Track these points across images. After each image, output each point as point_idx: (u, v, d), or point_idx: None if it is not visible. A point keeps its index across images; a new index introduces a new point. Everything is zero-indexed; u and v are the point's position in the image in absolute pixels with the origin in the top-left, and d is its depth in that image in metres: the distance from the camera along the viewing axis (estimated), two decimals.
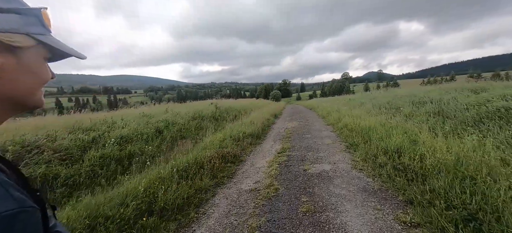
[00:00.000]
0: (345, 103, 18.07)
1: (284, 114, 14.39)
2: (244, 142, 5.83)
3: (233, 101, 20.13)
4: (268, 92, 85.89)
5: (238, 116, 13.03)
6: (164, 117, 8.99)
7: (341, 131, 6.69)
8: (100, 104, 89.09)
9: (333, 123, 8.41)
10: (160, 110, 10.65)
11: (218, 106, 13.15)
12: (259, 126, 7.86)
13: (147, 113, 9.68)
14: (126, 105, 14.22)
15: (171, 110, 10.57)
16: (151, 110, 11.18)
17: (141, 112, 9.46)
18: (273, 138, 6.71)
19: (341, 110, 10.76)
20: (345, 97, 24.70)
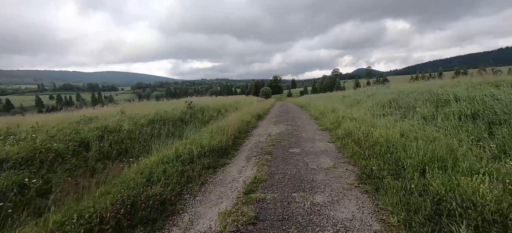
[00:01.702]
0: (338, 100, 16.33)
1: (271, 114, 12.41)
2: (197, 164, 3.76)
3: (214, 99, 17.95)
4: (258, 89, 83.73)
5: (214, 117, 10.95)
6: (112, 120, 6.79)
7: (343, 142, 4.74)
8: (84, 102, 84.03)
9: (330, 128, 6.48)
10: (113, 111, 8.37)
11: (191, 105, 10.99)
12: (232, 133, 5.81)
13: (91, 115, 7.40)
14: (111, 103, 13.77)
15: (129, 111, 8.34)
16: (106, 111, 8.88)
17: (82, 115, 7.18)
18: (247, 154, 4.68)
19: (337, 110, 8.87)
20: (338, 94, 23.04)
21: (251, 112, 10.44)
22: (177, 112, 9.26)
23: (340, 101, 15.88)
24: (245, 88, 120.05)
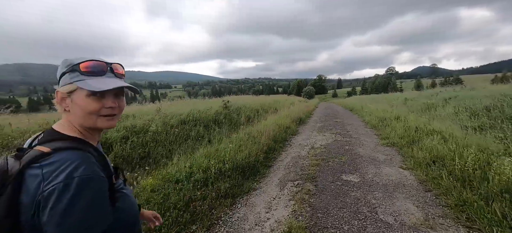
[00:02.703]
0: (399, 104, 13.52)
1: (315, 117, 10.81)
2: (212, 190, 2.76)
3: (254, 98, 17.15)
4: (301, 89, 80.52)
5: (250, 119, 10.02)
6: (143, 119, 6.50)
7: (429, 173, 3.05)
8: (144, 98, 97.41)
9: (398, 144, 4.69)
10: (151, 109, 8.23)
11: (228, 105, 10.33)
12: (265, 142, 4.69)
13: (129, 113, 7.32)
14: (165, 99, 15.31)
15: (165, 109, 8.11)
16: (146, 108, 8.91)
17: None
18: (281, 176, 3.47)
19: (405, 117, 6.80)
20: (396, 96, 19.52)
21: (291, 115, 9.14)
22: (211, 112, 8.66)
23: (402, 105, 13.10)
24: (287, 87, 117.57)
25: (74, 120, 0.66)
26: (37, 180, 0.53)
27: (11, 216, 0.52)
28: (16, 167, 0.55)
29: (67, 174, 0.53)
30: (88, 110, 0.64)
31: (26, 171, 0.55)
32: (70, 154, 0.57)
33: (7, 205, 0.52)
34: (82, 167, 0.56)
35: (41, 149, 0.57)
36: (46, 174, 0.53)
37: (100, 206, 0.58)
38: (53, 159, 0.56)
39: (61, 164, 0.54)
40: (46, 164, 0.55)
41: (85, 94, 0.63)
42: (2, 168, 0.56)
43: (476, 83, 19.10)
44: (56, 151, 0.57)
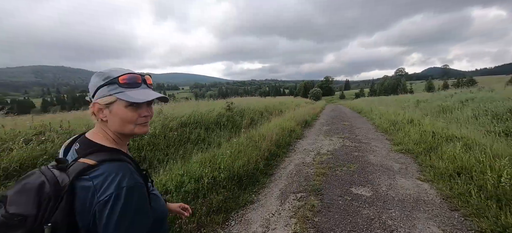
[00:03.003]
0: (411, 106, 12.91)
1: (321, 120, 10.38)
2: (203, 204, 2.45)
3: (259, 100, 16.83)
4: (307, 90, 79.64)
5: (254, 121, 9.71)
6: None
7: (453, 186, 2.63)
8: None
9: (414, 151, 4.24)
10: (154, 111, 8.01)
11: (231, 107, 10.06)
12: (267, 147, 4.34)
13: None
14: (172, 100, 15.54)
15: (167, 111, 7.90)
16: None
17: None
18: (283, 186, 3.11)
19: (419, 121, 6.30)
20: (407, 97, 18.77)
21: (296, 118, 8.75)
22: (213, 114, 8.38)
23: (414, 108, 12.48)
24: (293, 89, 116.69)
25: (112, 129, 0.71)
26: (90, 191, 0.59)
27: (68, 223, 0.57)
28: (65, 179, 0.60)
29: (116, 185, 0.60)
30: (127, 119, 0.70)
31: (76, 182, 0.60)
32: (114, 166, 0.64)
33: (65, 214, 0.57)
34: (127, 177, 0.63)
35: (87, 161, 0.63)
36: (97, 185, 0.60)
37: (145, 209, 0.67)
38: (100, 171, 0.62)
39: (108, 175, 0.62)
40: (95, 176, 0.61)
41: (124, 105, 0.69)
42: (53, 180, 0.59)
43: (490, 84, 18.12)
44: (100, 163, 0.63)
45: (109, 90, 0.69)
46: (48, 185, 0.58)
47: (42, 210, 0.56)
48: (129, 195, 0.61)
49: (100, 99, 0.68)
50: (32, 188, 0.57)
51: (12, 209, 0.55)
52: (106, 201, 0.59)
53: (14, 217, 0.54)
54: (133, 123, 0.71)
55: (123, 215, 0.60)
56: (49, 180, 0.59)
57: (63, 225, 0.56)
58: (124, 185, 0.61)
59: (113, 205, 0.59)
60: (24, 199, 0.56)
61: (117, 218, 0.59)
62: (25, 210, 0.55)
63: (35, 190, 0.57)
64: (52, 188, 0.58)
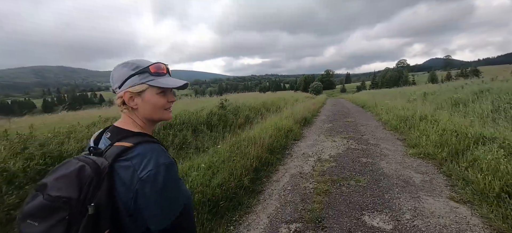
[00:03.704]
0: (418, 99, 12.09)
1: (322, 116, 9.60)
2: None
3: (257, 96, 16.05)
4: (308, 84, 78.47)
5: (250, 119, 8.97)
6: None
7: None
8: None
9: (437, 156, 3.45)
10: None
11: (225, 105, 9.30)
12: (256, 155, 3.59)
13: (111, 116, 6.41)
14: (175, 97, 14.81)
15: None
16: None
17: (99, 116, 6.20)
18: (271, 212, 2.34)
19: (433, 117, 5.49)
20: (412, 90, 17.87)
21: (294, 115, 7.98)
22: (203, 113, 7.63)
23: (421, 100, 11.66)
24: (294, 84, 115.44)
25: (143, 116, 0.74)
26: (129, 170, 0.62)
27: (111, 203, 0.59)
28: (104, 162, 0.61)
29: (155, 162, 0.63)
30: (159, 105, 0.75)
31: (115, 164, 0.62)
32: (149, 146, 0.67)
33: (107, 194, 0.58)
34: (162, 155, 0.66)
35: (123, 144, 0.66)
36: (136, 164, 0.62)
37: (181, 186, 0.72)
38: (136, 152, 0.64)
39: (145, 154, 0.64)
40: (133, 156, 0.63)
41: (156, 92, 0.73)
42: (92, 164, 0.60)
43: (495, 74, 17.21)
44: (136, 145, 0.66)
45: (140, 78, 0.71)
46: (88, 168, 0.59)
47: (84, 191, 0.56)
48: (168, 171, 0.64)
49: (132, 88, 0.71)
50: (72, 172, 0.58)
51: (54, 193, 0.55)
52: (147, 177, 0.61)
53: (58, 199, 0.54)
54: (162, 108, 0.76)
55: (164, 190, 0.63)
56: (89, 164, 0.60)
57: (106, 205, 0.57)
58: (162, 162, 0.64)
59: (154, 181, 0.61)
60: (65, 183, 0.57)
61: (158, 192, 0.61)
62: (68, 192, 0.55)
63: (75, 173, 0.58)
64: (93, 170, 0.59)
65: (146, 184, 0.60)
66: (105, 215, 0.57)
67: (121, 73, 0.72)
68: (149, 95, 0.72)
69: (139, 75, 0.71)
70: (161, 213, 0.63)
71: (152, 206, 0.61)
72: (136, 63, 0.73)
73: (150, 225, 0.62)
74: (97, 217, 0.55)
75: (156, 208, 0.61)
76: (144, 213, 0.61)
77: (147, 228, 0.63)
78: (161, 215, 0.63)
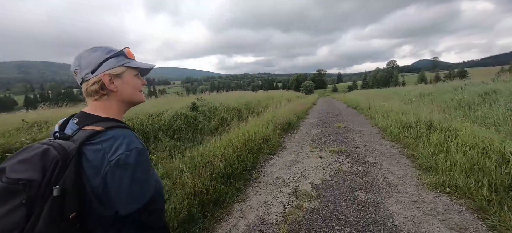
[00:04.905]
0: (413, 100, 11.15)
1: (310, 119, 8.39)
2: None
3: (242, 95, 14.70)
4: (300, 83, 77.71)
5: (226, 122, 7.68)
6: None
7: None
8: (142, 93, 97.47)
9: (471, 192, 2.28)
10: None
11: (197, 106, 7.96)
12: (201, 187, 2.30)
13: (50, 118, 4.97)
14: (163, 95, 14.44)
15: None
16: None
17: (33, 119, 4.73)
18: None
19: (444, 124, 4.36)
20: (405, 90, 17.06)
21: (277, 118, 6.72)
22: (166, 116, 6.24)
23: (417, 102, 10.69)
24: (287, 83, 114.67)
25: (122, 98, 0.73)
26: (100, 153, 0.59)
27: (77, 186, 0.56)
28: (71, 145, 0.59)
29: (126, 146, 0.61)
30: (137, 86, 0.76)
31: (84, 147, 0.59)
32: (120, 131, 0.65)
33: (74, 177, 0.55)
34: (134, 140, 0.64)
35: (94, 128, 0.63)
36: (107, 148, 0.60)
37: (152, 172, 0.69)
38: (108, 135, 0.62)
39: (116, 139, 0.62)
40: (104, 140, 0.61)
41: (134, 74, 0.75)
42: (58, 147, 0.57)
43: (480, 76, 16.76)
44: (107, 129, 0.63)
45: (118, 61, 0.72)
46: (53, 150, 0.56)
47: (48, 174, 0.54)
48: (139, 156, 0.62)
49: (112, 70, 0.70)
50: (35, 155, 0.55)
51: (13, 175, 0.52)
52: (117, 160, 0.59)
53: (16, 182, 0.52)
54: (138, 90, 0.77)
55: (134, 173, 0.61)
56: (54, 147, 0.57)
57: (72, 187, 0.55)
58: (134, 147, 0.62)
59: (125, 164, 0.60)
60: (27, 165, 0.54)
61: (128, 177, 0.60)
62: (29, 175, 0.53)
63: (39, 155, 0.55)
64: (59, 152, 0.56)
65: (116, 167, 0.59)
66: (72, 198, 0.55)
67: (93, 57, 0.70)
68: (129, 76, 0.74)
69: (116, 57, 0.72)
70: (130, 198, 0.61)
71: (121, 190, 0.59)
72: (108, 47, 0.73)
73: (119, 209, 0.60)
74: (62, 199, 0.53)
75: (125, 192, 0.60)
76: (113, 197, 0.59)
77: (116, 212, 0.60)
78: (130, 200, 0.61)
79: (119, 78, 0.71)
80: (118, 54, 0.72)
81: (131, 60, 0.74)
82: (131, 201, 0.60)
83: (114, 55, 0.71)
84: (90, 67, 0.68)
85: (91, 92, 0.69)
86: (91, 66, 0.68)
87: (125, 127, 0.68)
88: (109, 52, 0.71)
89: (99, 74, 0.68)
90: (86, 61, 0.68)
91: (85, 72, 0.68)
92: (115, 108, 0.72)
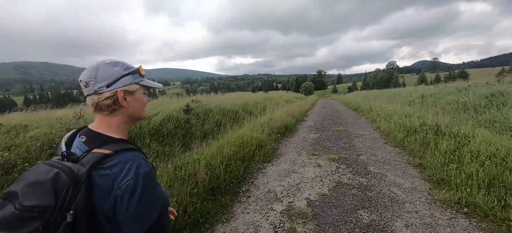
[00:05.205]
0: (415, 102, 10.82)
1: (309, 122, 8.04)
2: None
3: (240, 96, 14.36)
4: (299, 84, 77.36)
5: (222, 125, 7.37)
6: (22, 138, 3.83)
7: None
8: None
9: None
10: (69, 116, 5.40)
11: (192, 107, 7.66)
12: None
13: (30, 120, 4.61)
14: (163, 96, 14.05)
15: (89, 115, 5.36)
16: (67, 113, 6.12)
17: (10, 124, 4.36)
18: None
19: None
20: (405, 91, 16.70)
21: (274, 121, 6.38)
22: (156, 119, 5.92)
23: (420, 103, 10.37)
24: (286, 83, 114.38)
25: (130, 114, 0.74)
26: (109, 178, 0.60)
27: (88, 211, 0.56)
28: (81, 169, 0.59)
29: (134, 171, 0.62)
30: (145, 104, 0.78)
31: (93, 171, 0.59)
32: (129, 154, 0.65)
33: (85, 201, 0.55)
34: (142, 164, 0.64)
35: (103, 151, 0.63)
36: (116, 173, 0.60)
37: (158, 192, 0.69)
38: (117, 160, 0.62)
39: (125, 163, 0.62)
40: (113, 164, 0.61)
41: (143, 92, 0.77)
42: (68, 171, 0.57)
43: (479, 77, 16.47)
44: (116, 153, 0.63)
45: (133, 78, 0.73)
46: (63, 175, 0.57)
47: (60, 199, 0.54)
48: (146, 180, 0.63)
49: (128, 87, 0.72)
50: (47, 180, 0.55)
51: (27, 202, 0.52)
52: (126, 186, 0.60)
53: (31, 209, 0.51)
54: (145, 107, 0.79)
55: (142, 198, 0.62)
56: (64, 171, 0.57)
57: (84, 212, 0.55)
58: (141, 172, 0.63)
59: (133, 190, 0.60)
60: (39, 191, 0.54)
61: (136, 201, 0.61)
62: (43, 201, 0.53)
63: (50, 181, 0.55)
64: (69, 177, 0.57)
65: (125, 192, 0.60)
66: (82, 223, 0.55)
67: (111, 72, 0.70)
68: (140, 94, 0.75)
69: (132, 75, 0.73)
70: (138, 220, 0.62)
71: (128, 214, 0.60)
72: (126, 64, 0.74)
73: (126, 230, 0.61)
74: (74, 225, 0.54)
75: (133, 216, 0.61)
76: (121, 220, 0.60)
77: (122, 232, 0.61)
78: (137, 222, 0.62)
79: (132, 95, 0.73)
80: (134, 71, 0.74)
81: (144, 78, 0.77)
82: (139, 223, 0.62)
83: (131, 72, 0.73)
84: (106, 81, 0.69)
85: (103, 106, 0.69)
86: (108, 80, 0.69)
87: (133, 150, 0.67)
88: (127, 68, 0.73)
89: (114, 89, 0.69)
90: (105, 75, 0.69)
91: (99, 85, 0.68)
92: (122, 125, 0.73)
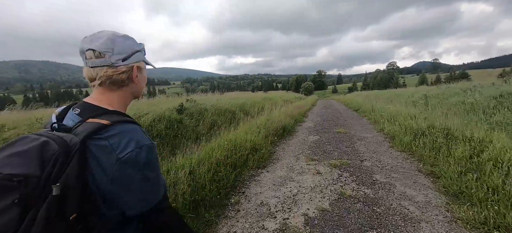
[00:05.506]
0: (419, 103, 10.47)
1: (309, 123, 7.69)
2: None
3: (238, 96, 14.00)
4: (299, 84, 76.97)
5: (217, 126, 7.06)
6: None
7: None
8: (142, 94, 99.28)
9: None
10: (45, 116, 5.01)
11: (186, 106, 7.34)
12: None
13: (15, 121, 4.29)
14: (163, 95, 13.96)
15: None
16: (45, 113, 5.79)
17: None
18: None
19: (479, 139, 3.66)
20: (407, 92, 16.33)
21: (270, 122, 6.03)
22: (146, 119, 5.58)
23: (423, 105, 10.02)
24: (286, 83, 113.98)
25: (136, 91, 0.72)
26: (107, 149, 0.54)
27: (80, 185, 0.51)
28: (74, 138, 0.53)
29: (136, 143, 0.56)
30: (145, 83, 0.76)
31: (89, 141, 0.53)
32: (128, 126, 0.60)
33: (77, 174, 0.50)
34: (143, 137, 0.60)
35: (100, 121, 0.57)
36: (114, 144, 0.54)
37: (160, 167, 0.65)
38: (115, 130, 0.56)
39: (124, 134, 0.57)
40: (111, 135, 0.55)
41: (145, 70, 0.75)
42: (59, 140, 0.51)
43: (480, 78, 16.15)
44: (114, 123, 0.58)
45: (143, 56, 0.72)
46: (53, 144, 0.50)
47: (48, 169, 0.47)
48: (150, 153, 0.59)
49: (140, 63, 0.70)
50: (33, 148, 0.49)
51: (7, 170, 0.46)
52: (128, 158, 0.54)
53: (11, 178, 0.45)
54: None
55: (146, 171, 0.57)
56: (54, 140, 0.51)
57: (75, 186, 0.49)
58: (144, 143, 0.58)
59: (136, 162, 0.56)
60: (22, 159, 0.47)
61: (141, 175, 0.56)
62: (26, 170, 0.46)
63: (37, 148, 0.49)
64: (60, 146, 0.50)
65: (126, 165, 0.54)
66: (73, 198, 0.49)
67: (127, 45, 0.67)
68: (144, 71, 0.74)
69: (142, 51, 0.72)
70: (143, 197, 0.57)
71: (132, 190, 0.55)
72: (136, 41, 0.72)
73: (128, 210, 0.56)
74: (63, 199, 0.47)
75: (137, 192, 0.56)
76: (122, 196, 0.55)
77: (121, 213, 0.56)
78: (142, 199, 0.57)
79: (141, 72, 0.71)
80: (143, 49, 0.73)
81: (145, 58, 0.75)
82: (144, 200, 0.57)
83: (142, 49, 0.72)
84: (123, 55, 0.65)
85: (117, 80, 0.65)
86: (124, 54, 0.66)
87: (132, 122, 0.62)
88: (139, 45, 0.71)
89: (130, 64, 0.67)
90: (121, 48, 0.65)
91: (116, 58, 0.64)
92: (124, 101, 0.70)
